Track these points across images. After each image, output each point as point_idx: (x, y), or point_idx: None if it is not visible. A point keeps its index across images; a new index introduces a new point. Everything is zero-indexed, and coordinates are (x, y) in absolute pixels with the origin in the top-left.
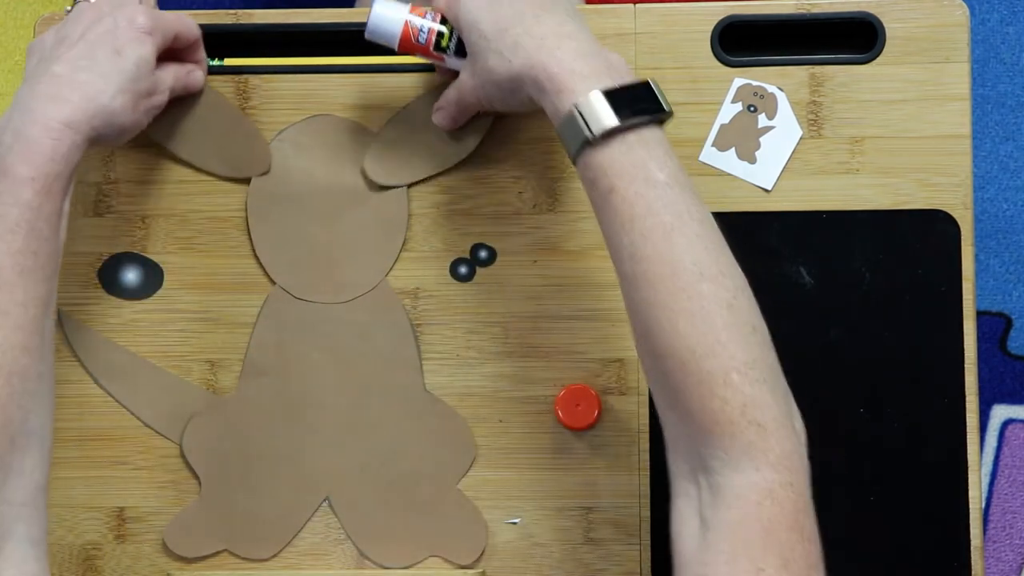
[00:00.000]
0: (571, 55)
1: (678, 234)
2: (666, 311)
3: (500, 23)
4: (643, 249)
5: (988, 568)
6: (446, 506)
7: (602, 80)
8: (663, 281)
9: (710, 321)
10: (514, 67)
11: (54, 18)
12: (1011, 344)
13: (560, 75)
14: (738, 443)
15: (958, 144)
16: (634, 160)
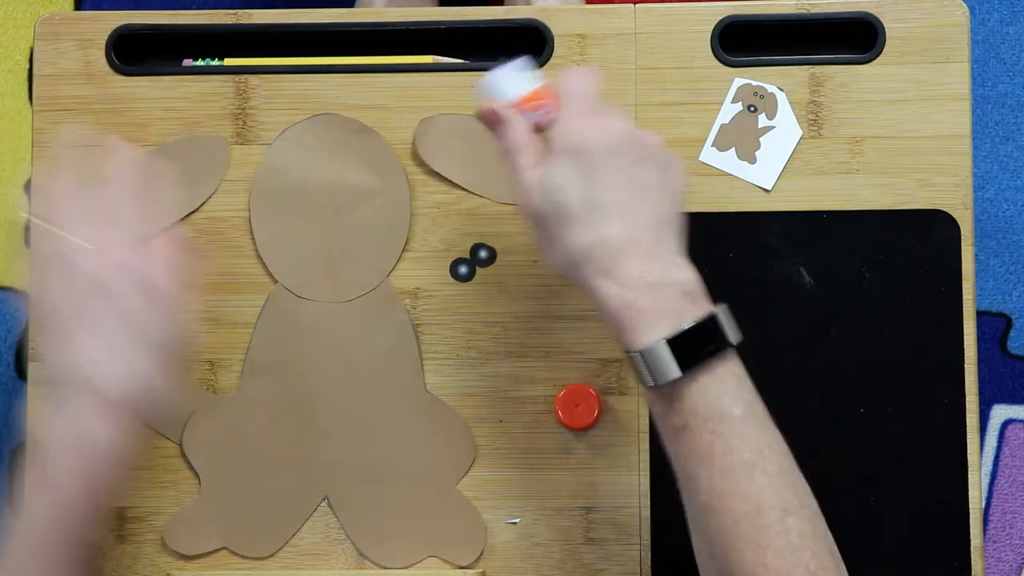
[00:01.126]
0: (637, 285)
1: (759, 472)
2: (752, 545)
3: (591, 199)
4: (723, 487)
5: (988, 568)
6: (445, 506)
7: (666, 319)
8: (747, 518)
9: (798, 555)
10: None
11: (54, 18)
12: (1011, 344)
13: (621, 311)
14: None
15: (958, 144)
16: (707, 399)
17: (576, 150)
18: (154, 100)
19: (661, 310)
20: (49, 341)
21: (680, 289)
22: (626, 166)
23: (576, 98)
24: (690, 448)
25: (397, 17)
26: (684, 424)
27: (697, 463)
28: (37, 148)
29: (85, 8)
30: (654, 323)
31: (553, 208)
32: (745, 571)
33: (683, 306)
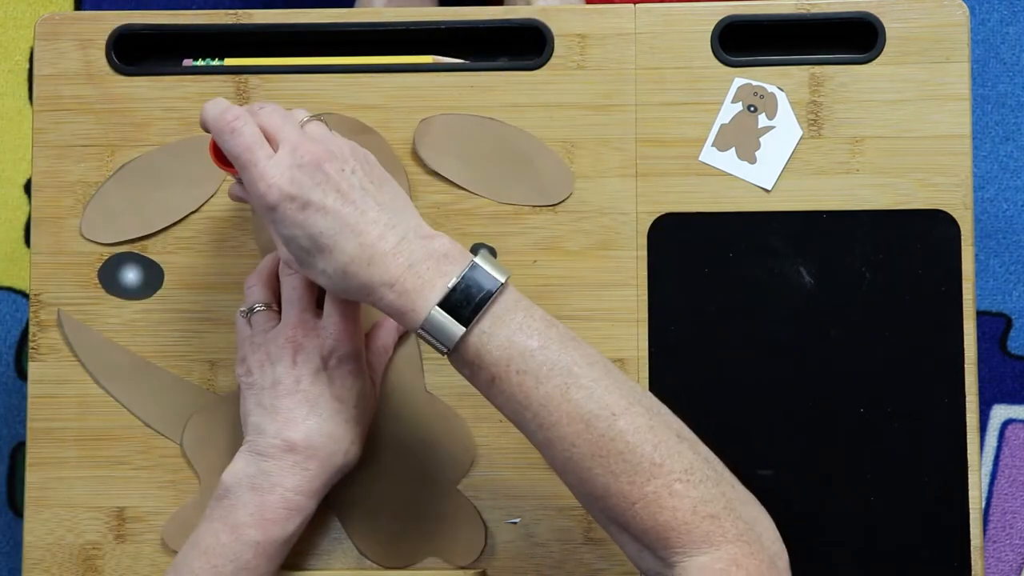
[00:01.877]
0: (400, 271)
1: (574, 389)
2: (595, 459)
3: (320, 242)
4: (548, 417)
5: (988, 568)
6: (445, 506)
7: (436, 284)
8: (580, 436)
9: (639, 451)
10: (350, 292)
11: (54, 18)
12: (1011, 344)
13: (395, 301)
14: (695, 537)
15: (958, 144)
16: (499, 343)
17: (270, 207)
18: (154, 100)
19: (426, 282)
20: (252, 405)
21: (435, 257)
22: (330, 181)
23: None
24: (507, 396)
25: (397, 17)
26: (491, 376)
27: (517, 406)
28: (37, 148)
29: (85, 8)
30: (424, 297)
31: (298, 253)
32: (600, 485)
33: (444, 268)
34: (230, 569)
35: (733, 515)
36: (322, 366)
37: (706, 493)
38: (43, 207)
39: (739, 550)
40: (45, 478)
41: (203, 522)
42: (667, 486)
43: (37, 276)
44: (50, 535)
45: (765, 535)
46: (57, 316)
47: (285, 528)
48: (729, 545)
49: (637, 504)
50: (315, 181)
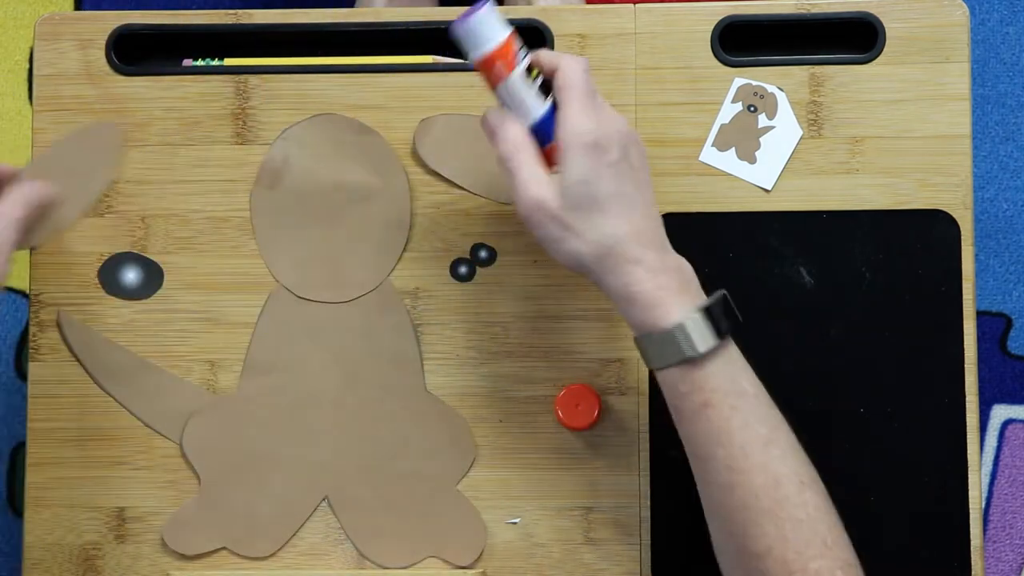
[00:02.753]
0: (657, 267)
1: (775, 446)
2: (771, 517)
3: (597, 196)
4: (743, 462)
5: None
6: (445, 507)
7: (687, 295)
8: (766, 491)
9: (816, 527)
10: (599, 265)
11: (54, 18)
12: (1011, 344)
13: (653, 292)
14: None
15: (958, 144)
16: (727, 375)
17: (594, 144)
18: (154, 100)
19: (684, 289)
20: None
21: (686, 272)
22: (630, 157)
23: (580, 91)
24: (711, 426)
25: (397, 17)
26: (706, 401)
27: (716, 441)
28: (37, 148)
29: (85, 8)
30: (684, 300)
31: (578, 202)
32: (765, 545)
33: (695, 287)
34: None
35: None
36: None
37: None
38: None
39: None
40: (45, 478)
41: None
42: (831, 570)
43: (37, 276)
44: (50, 535)
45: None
46: (57, 316)
47: None
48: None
49: (795, 574)
50: (616, 149)
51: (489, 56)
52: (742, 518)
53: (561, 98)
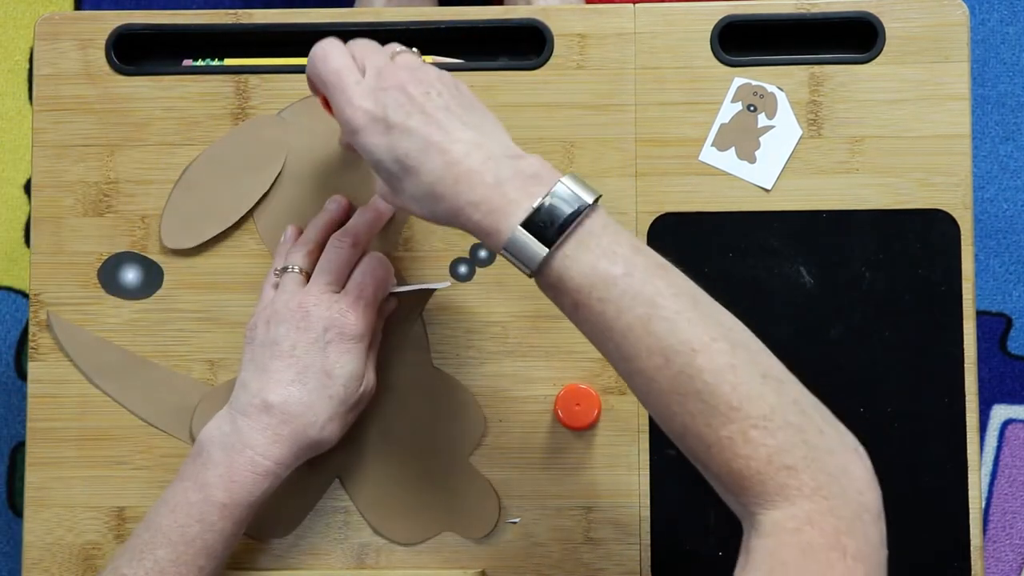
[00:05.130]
0: (488, 188)
1: (656, 321)
2: (673, 396)
3: (406, 163)
4: (628, 348)
5: (988, 568)
6: (457, 480)
7: (523, 203)
8: (659, 371)
9: (717, 392)
10: (438, 215)
11: (54, 18)
12: (1011, 344)
13: (482, 220)
14: (770, 488)
15: (958, 144)
16: (582, 269)
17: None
18: (154, 100)
19: (511, 201)
20: (248, 359)
21: (522, 176)
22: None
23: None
24: (590, 324)
25: (397, 17)
26: (574, 302)
27: (600, 336)
28: (37, 148)
29: (85, 8)
30: (510, 216)
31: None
32: (679, 424)
33: (532, 189)
34: (196, 529)
35: (814, 466)
36: (321, 336)
37: (785, 441)
38: (43, 207)
39: (815, 506)
40: (45, 478)
41: (176, 479)
42: (742, 432)
43: (37, 276)
44: (50, 535)
45: (851, 486)
46: (47, 318)
47: (251, 492)
48: (805, 501)
49: (712, 448)
50: (398, 103)
51: None
52: (651, 402)
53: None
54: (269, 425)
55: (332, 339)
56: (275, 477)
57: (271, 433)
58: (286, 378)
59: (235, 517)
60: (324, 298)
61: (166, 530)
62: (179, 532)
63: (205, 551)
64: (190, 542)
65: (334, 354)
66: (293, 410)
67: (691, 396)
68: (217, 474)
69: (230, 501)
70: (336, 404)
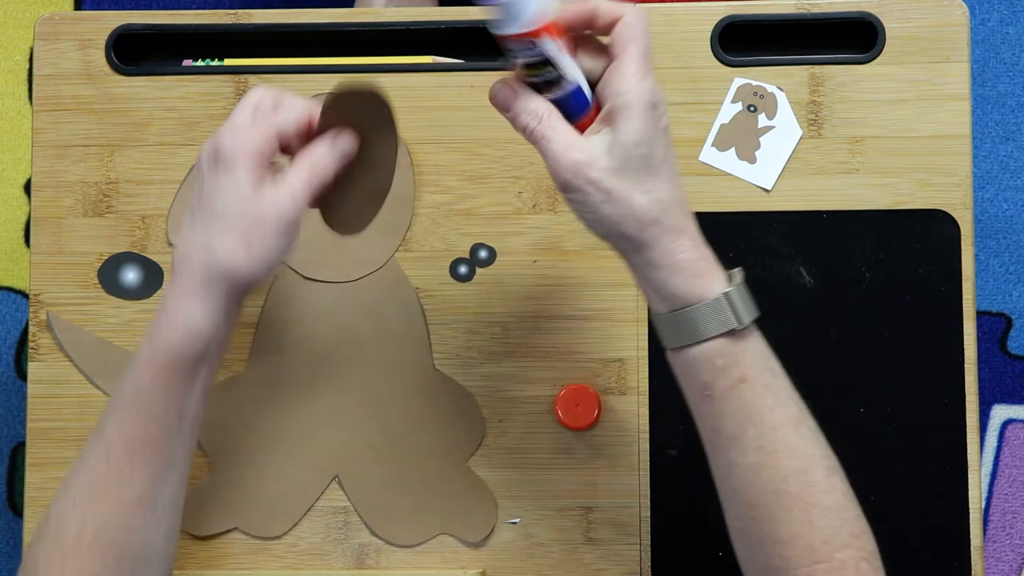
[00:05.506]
0: (698, 233)
1: (804, 428)
2: (800, 503)
3: (656, 157)
4: (773, 442)
5: (988, 568)
6: (456, 483)
7: (722, 274)
8: (796, 475)
9: (845, 515)
10: (646, 224)
11: (54, 18)
12: (1011, 344)
13: (699, 260)
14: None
15: (958, 144)
16: (762, 352)
17: (654, 105)
18: (154, 100)
19: (716, 268)
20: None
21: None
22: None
23: (643, 47)
24: (744, 403)
25: (397, 17)
26: (743, 376)
27: (747, 419)
28: (37, 148)
29: (85, 8)
30: (722, 272)
31: (630, 164)
32: (792, 532)
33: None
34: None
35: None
36: (224, 169)
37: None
38: (43, 207)
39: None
40: (45, 478)
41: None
42: (856, 561)
43: (37, 276)
44: None
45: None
46: (47, 318)
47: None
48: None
49: (820, 564)
50: (664, 112)
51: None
52: (769, 502)
53: (622, 52)
54: (190, 272)
55: (232, 168)
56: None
57: (192, 279)
58: (195, 221)
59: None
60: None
61: (111, 404)
62: (118, 399)
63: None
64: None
65: (231, 183)
66: (203, 249)
67: (820, 509)
68: (158, 330)
69: (168, 348)
70: (245, 234)
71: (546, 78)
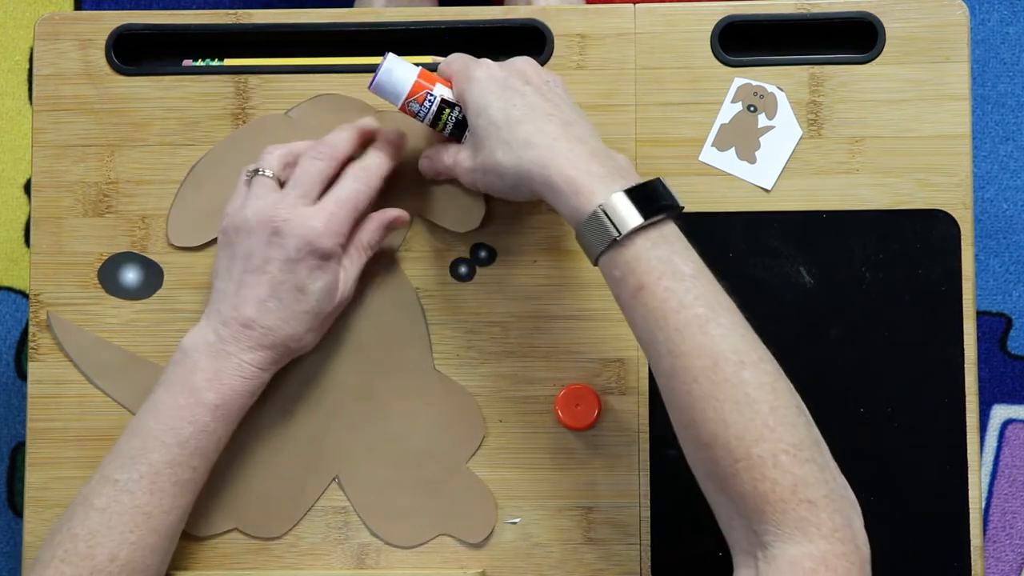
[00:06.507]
0: (585, 156)
1: (713, 325)
2: (711, 401)
3: (511, 113)
4: (680, 344)
5: (988, 568)
6: (455, 484)
7: (617, 181)
8: (705, 373)
9: (756, 408)
10: (523, 163)
11: (54, 18)
12: (1011, 344)
13: (577, 177)
14: (790, 519)
15: (958, 144)
16: (659, 256)
17: (487, 78)
18: (154, 100)
19: (610, 174)
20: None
21: (621, 163)
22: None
23: (461, 62)
24: (647, 309)
25: (397, 17)
26: (640, 284)
27: (654, 324)
28: (37, 148)
29: (85, 8)
30: (608, 183)
31: (479, 135)
32: (710, 432)
33: (627, 174)
34: (188, 431)
35: (832, 507)
36: (293, 255)
37: (809, 475)
38: (43, 207)
39: (832, 548)
40: (45, 478)
41: (159, 387)
42: (773, 454)
43: (37, 276)
44: None
45: (859, 536)
46: (47, 318)
47: (240, 393)
48: (823, 540)
49: (740, 463)
50: (520, 77)
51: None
52: (686, 404)
53: (454, 81)
54: (251, 337)
55: (304, 257)
56: (261, 381)
57: (253, 344)
58: (261, 294)
59: (226, 418)
60: (296, 212)
61: (158, 434)
62: (172, 435)
63: (199, 452)
64: (183, 443)
65: (305, 271)
66: (270, 324)
67: (730, 404)
68: (206, 378)
69: (221, 402)
70: (311, 317)
71: (456, 119)
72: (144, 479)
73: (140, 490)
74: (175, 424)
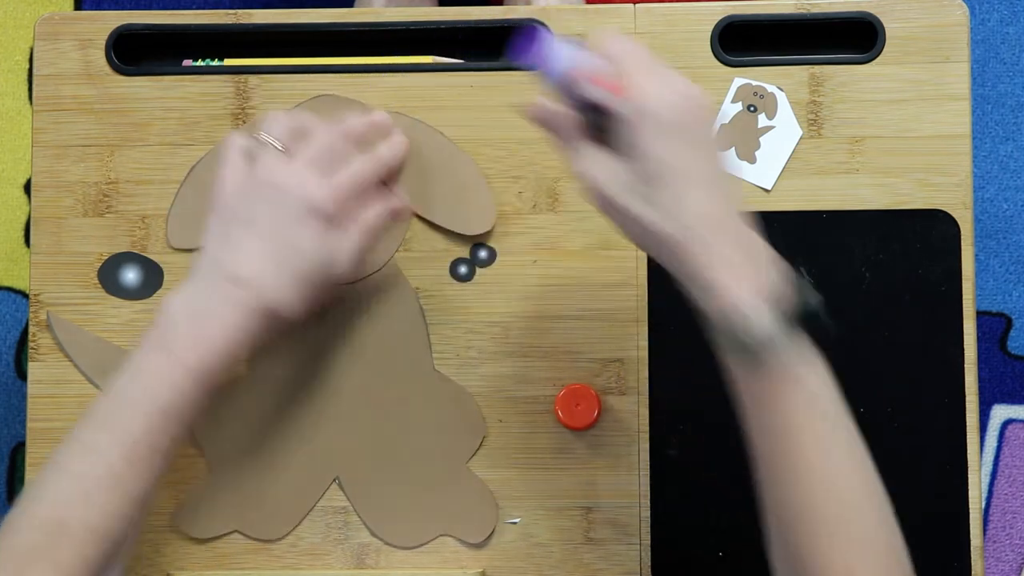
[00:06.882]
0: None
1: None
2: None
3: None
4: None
5: (988, 568)
6: (456, 485)
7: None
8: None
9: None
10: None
11: (54, 18)
12: (1011, 344)
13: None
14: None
15: (958, 144)
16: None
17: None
18: (154, 100)
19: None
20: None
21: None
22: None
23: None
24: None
25: (397, 17)
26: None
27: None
28: (37, 148)
29: (85, 8)
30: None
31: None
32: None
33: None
34: (167, 396)
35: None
36: (299, 215)
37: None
38: (43, 207)
39: None
40: None
41: (138, 350)
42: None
43: (37, 276)
44: None
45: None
46: (47, 318)
47: (221, 357)
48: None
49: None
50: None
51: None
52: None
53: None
54: (240, 298)
55: (304, 218)
56: (242, 347)
57: (241, 305)
58: (256, 248)
59: (205, 383)
60: (303, 176)
61: (134, 398)
62: (149, 400)
63: (177, 418)
64: (162, 410)
65: (306, 233)
66: (261, 283)
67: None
68: (187, 341)
69: (200, 365)
70: (303, 283)
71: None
72: (123, 446)
73: (115, 458)
74: (153, 388)
